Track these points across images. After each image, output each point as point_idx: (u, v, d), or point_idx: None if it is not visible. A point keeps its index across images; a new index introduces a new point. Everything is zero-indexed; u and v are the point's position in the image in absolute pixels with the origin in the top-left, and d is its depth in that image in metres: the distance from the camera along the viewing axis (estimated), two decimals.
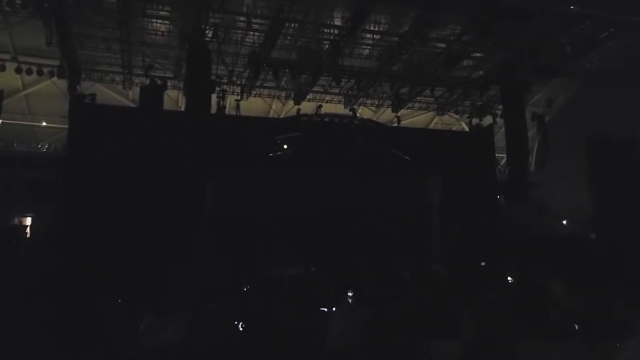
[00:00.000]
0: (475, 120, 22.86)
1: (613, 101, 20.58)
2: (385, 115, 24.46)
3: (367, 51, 20.02)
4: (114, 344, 6.83)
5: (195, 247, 13.94)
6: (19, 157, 20.62)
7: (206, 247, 14.55)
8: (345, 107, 22.49)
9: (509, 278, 12.78)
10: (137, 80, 20.43)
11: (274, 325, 7.09)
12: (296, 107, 21.69)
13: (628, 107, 20.43)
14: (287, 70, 19.00)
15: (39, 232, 17.73)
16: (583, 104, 23.22)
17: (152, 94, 16.68)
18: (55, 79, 19.72)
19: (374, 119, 23.75)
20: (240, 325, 7.49)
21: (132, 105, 21.95)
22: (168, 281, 10.64)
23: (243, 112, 20.42)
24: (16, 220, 19.91)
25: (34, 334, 6.75)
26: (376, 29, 18.99)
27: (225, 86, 20.19)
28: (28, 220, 20.03)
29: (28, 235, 18.26)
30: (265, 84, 21.51)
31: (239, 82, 20.86)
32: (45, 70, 19.14)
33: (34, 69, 19.07)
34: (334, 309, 8.13)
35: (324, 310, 8.53)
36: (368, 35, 19.30)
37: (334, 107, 22.30)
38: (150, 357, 6.65)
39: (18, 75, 19.84)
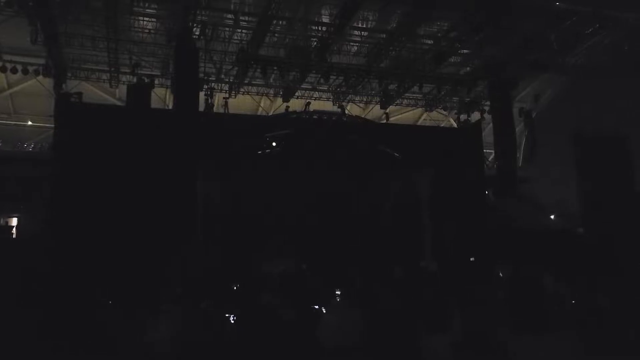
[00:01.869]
0: (463, 116, 22.97)
1: (599, 96, 20.78)
2: (374, 111, 24.49)
3: (355, 48, 20.03)
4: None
5: (188, 245, 13.86)
6: (4, 156, 20.42)
7: (199, 245, 14.48)
8: (334, 104, 22.49)
9: (500, 273, 12.86)
10: (124, 78, 20.29)
11: (269, 322, 7.08)
12: (285, 104, 21.65)
13: (614, 102, 20.64)
14: (275, 68, 18.96)
15: (26, 232, 17.56)
16: (570, 99, 23.43)
17: (140, 92, 16.56)
18: (40, 77, 19.50)
19: (363, 115, 23.78)
20: (234, 321, 7.47)
21: (119, 103, 21.77)
22: (161, 279, 10.59)
23: (231, 110, 20.34)
24: (1, 220, 19.70)
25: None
26: (364, 26, 19.01)
27: (213, 84, 20.09)
28: (14, 221, 19.82)
29: (14, 236, 18.06)
30: (253, 82, 21.45)
31: (227, 80, 20.79)
32: (30, 68, 18.94)
33: (19, 67, 18.90)
34: (327, 306, 8.13)
35: (317, 307, 8.51)
36: (356, 32, 19.32)
37: (323, 104, 22.28)
38: (146, 355, 6.64)
39: (3, 74, 19.60)
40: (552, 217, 24.19)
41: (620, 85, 20.27)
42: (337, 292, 10.37)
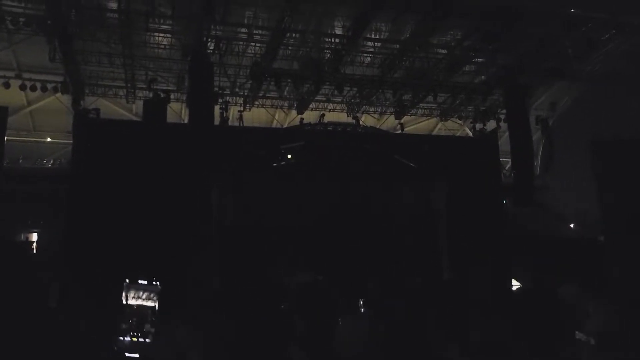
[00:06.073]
0: (478, 125, 22.83)
1: (618, 103, 20.47)
2: (389, 122, 24.46)
3: (369, 59, 20.07)
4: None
5: (205, 259, 13.92)
6: (25, 173, 20.67)
7: (215, 258, 14.53)
8: (348, 115, 22.51)
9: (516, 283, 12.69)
10: (140, 94, 20.56)
11: (284, 332, 7.05)
12: (299, 116, 21.73)
13: (633, 109, 20.30)
14: (289, 80, 19.06)
15: (46, 247, 17.72)
16: (587, 107, 23.11)
17: (156, 107, 16.78)
18: (59, 94, 19.82)
19: (378, 126, 23.76)
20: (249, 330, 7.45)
21: (136, 118, 22.04)
22: (178, 293, 10.63)
23: (246, 123, 20.47)
24: (22, 236, 19.91)
25: None
26: (377, 36, 19.06)
27: (228, 97, 20.25)
28: (34, 236, 20.02)
29: (34, 251, 18.23)
30: (267, 95, 21.58)
31: (241, 93, 20.95)
32: (49, 86, 19.25)
33: (38, 85, 19.18)
34: (343, 317, 8.07)
35: (333, 318, 8.46)
36: (369, 43, 19.36)
37: (337, 115, 22.32)
38: None
39: (22, 92, 19.95)
40: (571, 226, 23.81)
41: (638, 91, 19.93)
42: (353, 303, 10.32)
